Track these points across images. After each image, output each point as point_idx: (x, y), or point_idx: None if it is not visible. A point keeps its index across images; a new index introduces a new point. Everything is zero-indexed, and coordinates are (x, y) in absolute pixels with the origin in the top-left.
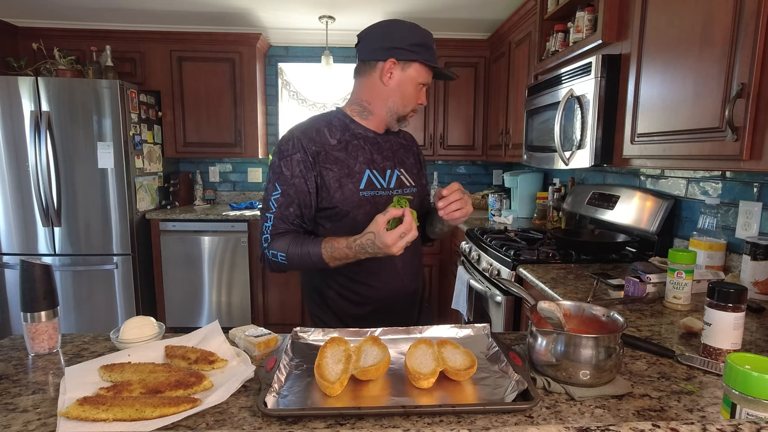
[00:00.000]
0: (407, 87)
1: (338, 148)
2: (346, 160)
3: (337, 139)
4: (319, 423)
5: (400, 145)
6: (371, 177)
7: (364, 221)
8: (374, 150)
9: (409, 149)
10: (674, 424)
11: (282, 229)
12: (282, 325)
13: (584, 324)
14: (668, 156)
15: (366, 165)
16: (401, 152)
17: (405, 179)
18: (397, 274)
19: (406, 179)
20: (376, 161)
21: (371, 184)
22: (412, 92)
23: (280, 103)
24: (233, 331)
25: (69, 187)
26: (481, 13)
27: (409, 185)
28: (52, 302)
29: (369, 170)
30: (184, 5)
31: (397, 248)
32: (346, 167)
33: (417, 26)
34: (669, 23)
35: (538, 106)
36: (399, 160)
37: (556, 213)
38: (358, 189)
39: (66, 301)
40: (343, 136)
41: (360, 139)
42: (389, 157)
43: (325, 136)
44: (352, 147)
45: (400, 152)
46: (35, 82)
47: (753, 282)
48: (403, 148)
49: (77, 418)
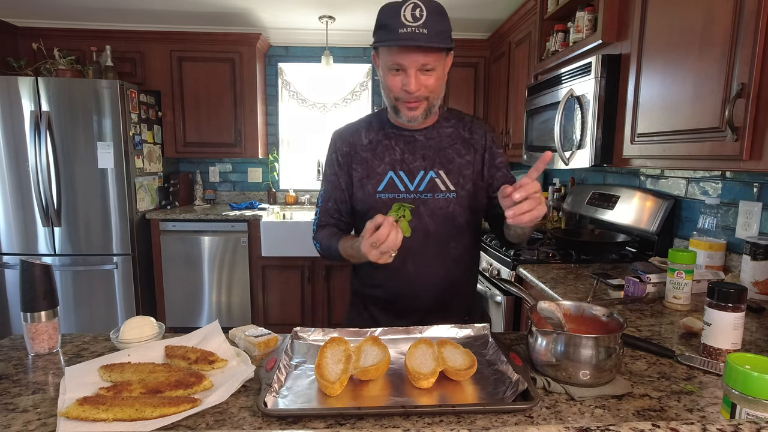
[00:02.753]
0: (384, 75)
1: (367, 149)
2: (371, 161)
3: (370, 140)
4: (319, 423)
5: (457, 140)
6: (394, 179)
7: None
8: (407, 149)
9: (470, 145)
10: (674, 424)
11: (324, 222)
12: (282, 325)
13: (584, 324)
14: (668, 156)
15: (390, 166)
16: (452, 150)
17: (441, 183)
18: (410, 283)
19: (442, 183)
20: (406, 161)
21: (392, 185)
22: (388, 79)
23: (280, 103)
24: (233, 331)
25: (69, 187)
26: (481, 13)
27: (444, 190)
28: (52, 302)
29: (393, 172)
30: (184, 5)
31: (373, 257)
32: (370, 168)
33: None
34: (669, 23)
35: (538, 106)
36: (443, 160)
37: (556, 213)
38: (375, 190)
39: (66, 301)
40: (377, 136)
41: (392, 139)
42: (428, 156)
43: (360, 137)
44: (382, 147)
45: (447, 150)
46: (35, 82)
47: (753, 282)
48: (461, 143)
49: (77, 418)
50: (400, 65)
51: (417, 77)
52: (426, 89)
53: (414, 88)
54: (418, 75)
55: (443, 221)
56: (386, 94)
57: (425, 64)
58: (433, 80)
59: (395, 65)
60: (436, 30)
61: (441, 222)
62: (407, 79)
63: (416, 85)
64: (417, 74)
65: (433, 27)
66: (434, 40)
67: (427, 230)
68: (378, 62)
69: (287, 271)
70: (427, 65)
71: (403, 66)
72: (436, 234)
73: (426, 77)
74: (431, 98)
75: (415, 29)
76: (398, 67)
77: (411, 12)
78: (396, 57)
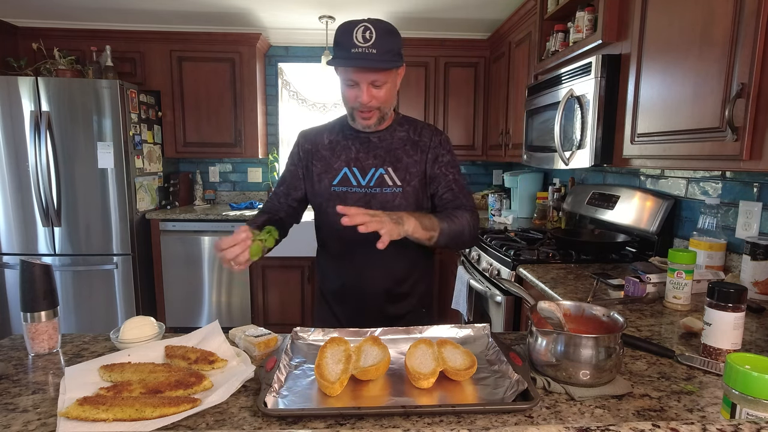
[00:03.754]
0: (342, 87)
1: (327, 148)
2: (329, 158)
3: (330, 140)
4: (319, 423)
5: (407, 143)
6: (348, 174)
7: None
8: (362, 149)
9: (418, 147)
10: (674, 424)
11: (267, 207)
12: (282, 325)
13: (584, 324)
14: (668, 156)
15: (346, 163)
16: (401, 150)
17: (389, 178)
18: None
19: (390, 178)
20: (360, 159)
21: (346, 180)
22: (344, 91)
23: (280, 103)
24: (233, 331)
25: (69, 187)
26: (481, 13)
27: (391, 185)
28: (52, 302)
29: (348, 168)
30: (184, 5)
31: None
32: (328, 164)
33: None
34: (669, 23)
35: (538, 106)
36: (392, 159)
37: (556, 213)
38: (331, 184)
39: (66, 301)
40: (336, 137)
41: (349, 140)
42: (379, 156)
43: (322, 138)
44: (340, 147)
45: (397, 151)
46: (35, 82)
47: (753, 282)
48: (410, 145)
49: (77, 418)
50: (353, 81)
51: (369, 91)
52: (377, 101)
53: (366, 100)
54: (370, 89)
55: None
56: (344, 103)
57: (375, 80)
58: (383, 93)
59: (349, 80)
60: (385, 49)
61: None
62: (360, 93)
63: (368, 98)
64: (369, 88)
65: (382, 47)
66: (384, 59)
67: None
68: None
69: (287, 271)
70: (377, 81)
71: (355, 81)
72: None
73: (377, 90)
74: (383, 108)
75: (365, 49)
76: (351, 82)
77: (362, 34)
78: (349, 73)
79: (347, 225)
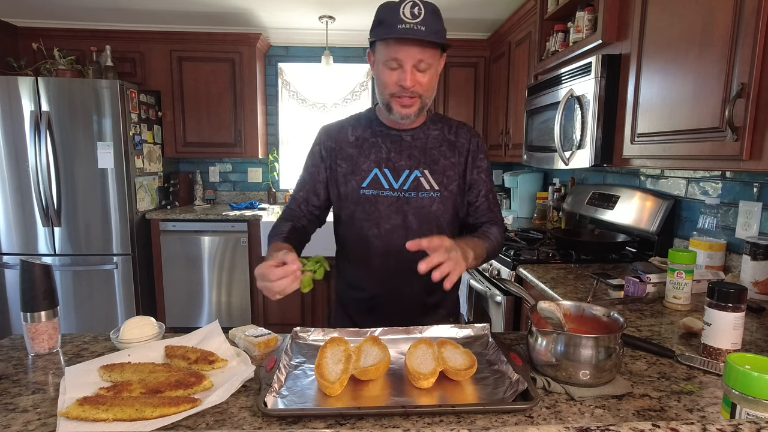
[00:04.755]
0: (379, 71)
1: (353, 145)
2: (356, 158)
3: (356, 137)
4: (319, 423)
5: (443, 143)
6: (379, 176)
7: (362, 218)
8: (393, 148)
9: (455, 147)
10: (674, 424)
11: (288, 214)
12: (282, 325)
13: (584, 324)
14: (668, 156)
15: (376, 163)
16: (436, 151)
17: (425, 182)
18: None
19: (426, 182)
20: (392, 160)
21: (377, 182)
22: (383, 74)
23: (280, 103)
24: (233, 331)
25: (69, 187)
26: (481, 13)
27: (428, 189)
28: (52, 302)
29: (378, 169)
30: (184, 5)
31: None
32: (355, 164)
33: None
34: (669, 23)
35: (538, 106)
36: (428, 161)
37: (556, 213)
38: (359, 186)
39: (66, 301)
40: (364, 133)
41: (379, 137)
42: (414, 156)
43: (346, 134)
44: (368, 145)
45: (433, 152)
46: (35, 82)
47: (753, 282)
48: (446, 145)
49: (77, 418)
50: (397, 60)
51: (413, 73)
52: (420, 87)
53: (410, 84)
54: (414, 71)
55: (426, 220)
56: (380, 91)
57: (421, 60)
58: (428, 79)
59: (392, 60)
60: (433, 29)
61: (424, 220)
62: (403, 75)
63: (412, 81)
64: (413, 70)
65: (431, 25)
66: (432, 37)
67: (410, 228)
68: (372, 60)
69: None
70: (423, 62)
71: (400, 61)
72: (419, 232)
73: (421, 75)
74: (424, 97)
75: (413, 25)
76: (394, 63)
77: (410, 9)
78: (393, 52)
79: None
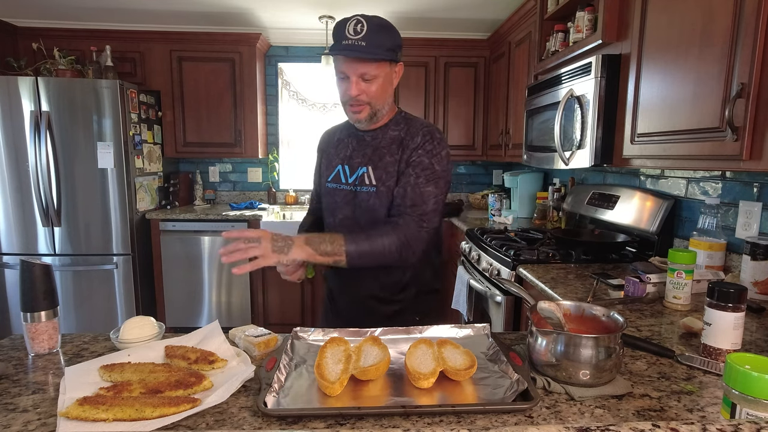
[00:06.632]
0: (336, 81)
1: (333, 146)
2: (332, 156)
3: (338, 139)
4: (319, 423)
5: (392, 142)
6: (341, 171)
7: (326, 209)
8: (357, 147)
9: (400, 145)
10: (674, 424)
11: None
12: (282, 325)
13: (584, 324)
14: (668, 156)
15: (341, 161)
16: (385, 150)
17: (367, 177)
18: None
19: (367, 177)
20: (352, 157)
21: (338, 177)
22: (337, 85)
23: (280, 103)
24: (233, 331)
25: (69, 187)
26: (481, 13)
27: (368, 184)
28: (52, 302)
29: (341, 165)
30: (184, 5)
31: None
32: (329, 161)
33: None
34: (669, 23)
35: (538, 106)
36: (375, 158)
37: (556, 213)
38: (326, 180)
39: (66, 301)
40: (342, 135)
41: (349, 137)
42: (367, 155)
43: (333, 137)
44: (342, 145)
45: (383, 150)
46: (35, 82)
47: (753, 282)
48: (395, 144)
49: (77, 418)
50: (343, 72)
51: (358, 84)
52: (367, 95)
53: (354, 93)
54: (359, 82)
55: (366, 213)
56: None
57: (365, 72)
58: (375, 87)
59: (340, 72)
60: (375, 43)
61: (365, 214)
62: (349, 86)
63: (356, 91)
64: (358, 81)
65: (373, 41)
66: (372, 51)
67: (357, 221)
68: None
69: None
70: (366, 74)
71: (345, 73)
72: (364, 225)
73: (366, 84)
74: (373, 104)
75: (354, 42)
76: (342, 75)
77: (353, 27)
78: (340, 65)
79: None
